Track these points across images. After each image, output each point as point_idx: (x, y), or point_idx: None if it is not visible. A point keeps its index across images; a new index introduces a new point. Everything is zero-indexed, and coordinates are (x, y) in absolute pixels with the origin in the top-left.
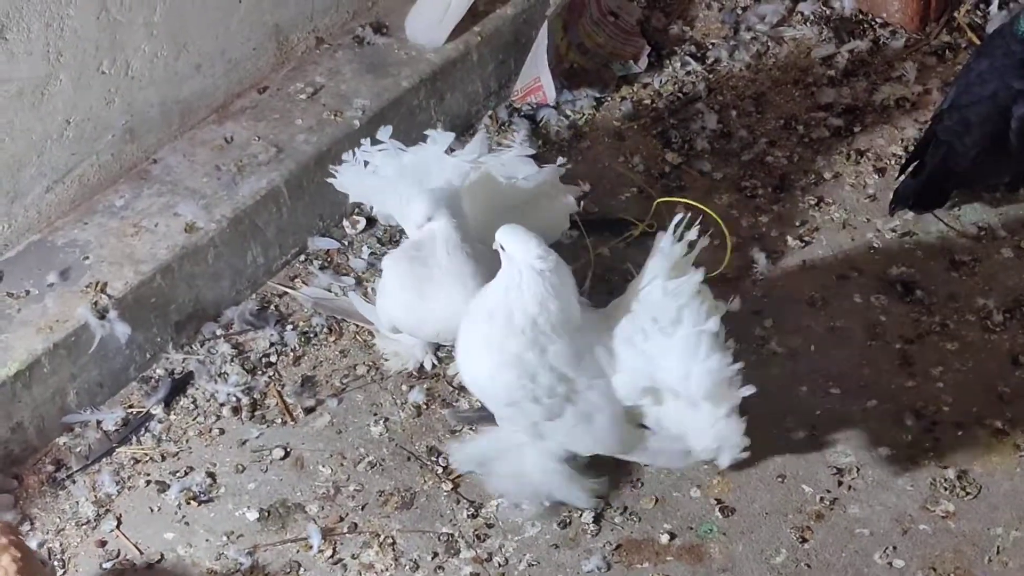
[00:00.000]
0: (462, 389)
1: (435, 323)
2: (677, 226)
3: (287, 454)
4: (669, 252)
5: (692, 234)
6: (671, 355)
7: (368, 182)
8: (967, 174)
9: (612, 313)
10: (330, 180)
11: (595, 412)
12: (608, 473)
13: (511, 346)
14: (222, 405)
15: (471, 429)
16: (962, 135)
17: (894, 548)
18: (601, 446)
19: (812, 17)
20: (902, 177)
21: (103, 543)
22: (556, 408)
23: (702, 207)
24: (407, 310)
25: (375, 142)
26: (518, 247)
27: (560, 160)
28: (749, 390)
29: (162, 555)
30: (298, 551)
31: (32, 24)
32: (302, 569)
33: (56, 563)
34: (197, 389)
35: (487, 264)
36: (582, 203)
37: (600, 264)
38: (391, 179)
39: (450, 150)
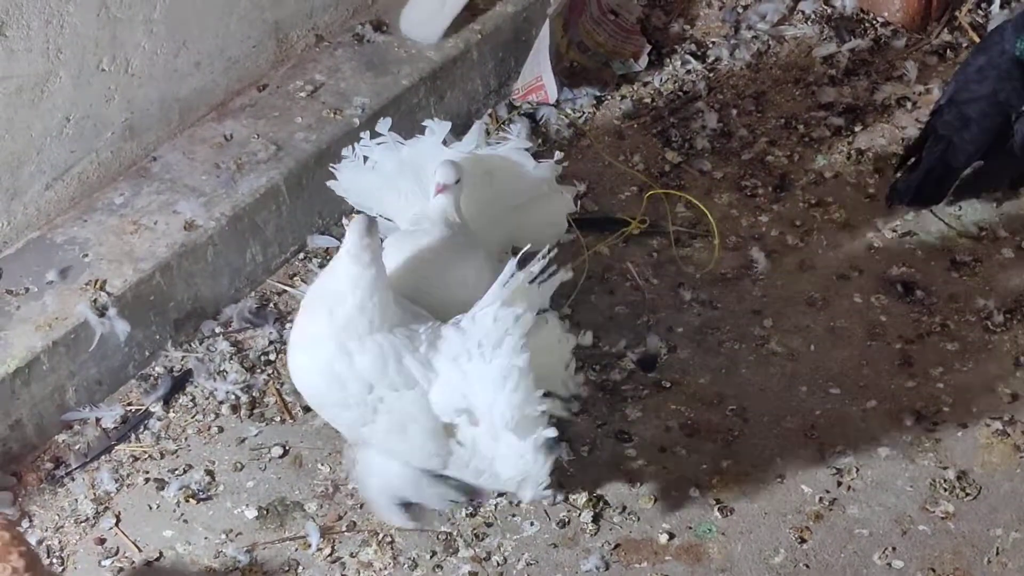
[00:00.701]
0: None
1: (451, 301)
2: (523, 259)
3: (286, 452)
4: (510, 281)
5: (536, 266)
6: (485, 381)
7: (367, 180)
8: (968, 173)
9: (443, 330)
10: (330, 183)
11: (409, 422)
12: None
13: (325, 352)
14: (221, 403)
15: None
16: (961, 130)
17: (893, 549)
18: (416, 457)
19: (813, 16)
20: (899, 172)
21: (102, 540)
22: (367, 415)
23: (693, 199)
24: (415, 290)
25: (375, 135)
26: (347, 233)
27: (557, 155)
28: (551, 432)
29: (161, 553)
30: (296, 549)
31: (32, 21)
32: (300, 567)
33: (55, 560)
34: (196, 387)
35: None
36: (579, 202)
37: (599, 263)
38: (390, 175)
39: (446, 142)
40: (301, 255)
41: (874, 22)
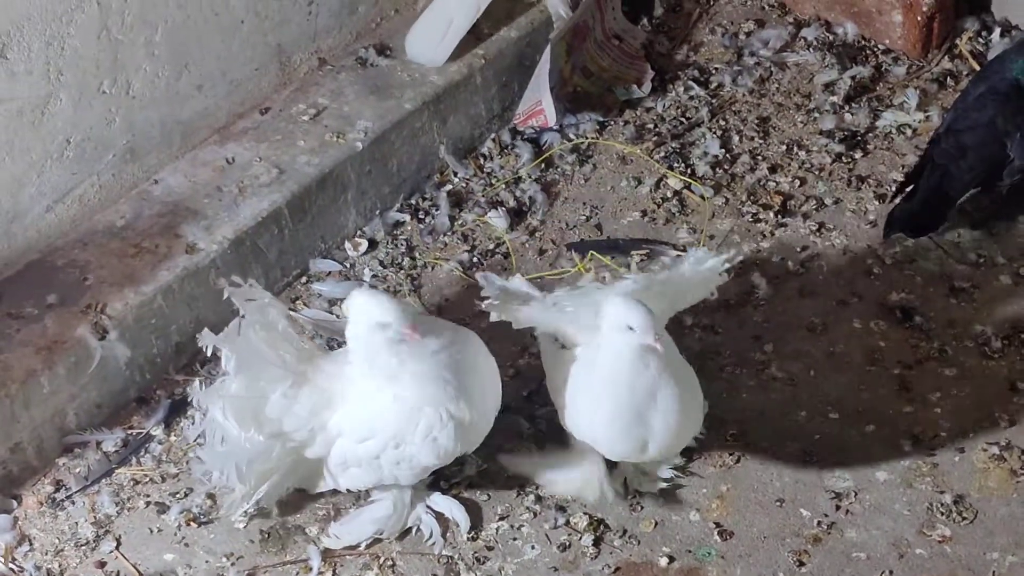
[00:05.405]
0: None
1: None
2: None
3: None
4: None
5: None
6: None
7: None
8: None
9: None
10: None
11: None
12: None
13: None
14: None
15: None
16: (958, 159)
17: (891, 572)
18: None
19: (815, 43)
20: (896, 201)
21: (102, 564)
22: None
23: (608, 262)
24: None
25: None
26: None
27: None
28: None
29: None
30: (298, 573)
31: (33, 43)
32: None
33: None
34: (197, 410)
35: None
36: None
37: None
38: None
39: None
40: (303, 279)
41: (875, 49)
